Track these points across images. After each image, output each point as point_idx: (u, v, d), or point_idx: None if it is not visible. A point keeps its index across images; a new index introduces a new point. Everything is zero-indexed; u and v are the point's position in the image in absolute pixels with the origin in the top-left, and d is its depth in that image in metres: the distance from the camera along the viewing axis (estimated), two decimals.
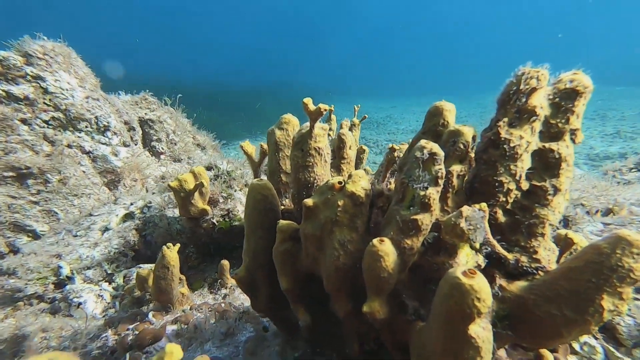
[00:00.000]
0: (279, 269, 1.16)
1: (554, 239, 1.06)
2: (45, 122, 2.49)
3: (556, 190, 0.93)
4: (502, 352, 1.09)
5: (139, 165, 3.09)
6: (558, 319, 0.83)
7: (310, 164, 1.14)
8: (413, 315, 0.96)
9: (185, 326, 1.69)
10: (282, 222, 1.15)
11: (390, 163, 1.20)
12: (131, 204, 2.41)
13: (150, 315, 1.76)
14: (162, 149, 3.59)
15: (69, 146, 2.58)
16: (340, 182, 1.04)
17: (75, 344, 1.62)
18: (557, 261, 1.01)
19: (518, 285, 0.93)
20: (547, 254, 0.94)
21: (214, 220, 2.15)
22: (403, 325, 0.96)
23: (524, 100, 0.92)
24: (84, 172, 2.62)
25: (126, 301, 1.99)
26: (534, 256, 0.92)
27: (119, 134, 3.05)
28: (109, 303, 2.03)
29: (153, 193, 2.54)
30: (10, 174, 2.24)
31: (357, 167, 3.57)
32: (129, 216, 2.35)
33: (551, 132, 0.94)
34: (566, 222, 1.51)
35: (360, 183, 1.03)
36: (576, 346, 1.03)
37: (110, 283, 2.13)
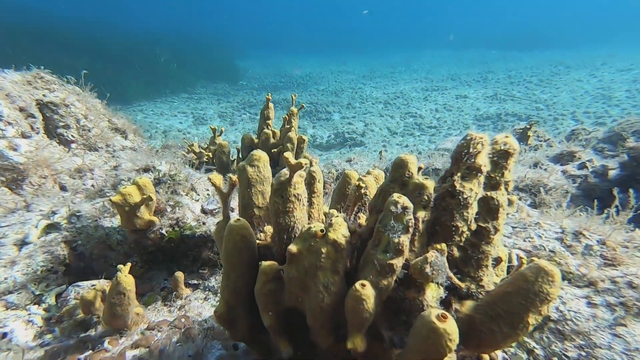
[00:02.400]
0: (261, 308, 1.18)
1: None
2: None
3: (496, 230, 1.11)
4: None
5: (47, 160, 2.54)
6: (498, 334, 1.05)
7: (290, 209, 1.13)
8: (388, 343, 1.10)
9: (147, 350, 1.62)
10: (264, 263, 1.14)
11: (358, 199, 1.25)
12: (53, 213, 2.04)
13: (105, 342, 1.63)
14: (73, 136, 2.99)
15: None
16: (321, 230, 1.07)
17: None
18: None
19: (467, 305, 1.13)
20: (489, 280, 1.14)
21: (163, 231, 1.98)
22: (379, 352, 1.10)
23: (472, 160, 1.05)
24: None
25: (66, 325, 1.78)
26: (480, 283, 1.12)
27: (14, 124, 2.43)
28: (41, 327, 1.79)
29: (75, 198, 2.17)
30: None
31: (297, 156, 3.57)
32: (53, 227, 2.00)
33: (491, 183, 1.11)
34: None
35: (341, 231, 1.07)
36: None
37: (39, 305, 1.86)
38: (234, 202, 2.11)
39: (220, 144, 3.56)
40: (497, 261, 1.27)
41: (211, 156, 3.64)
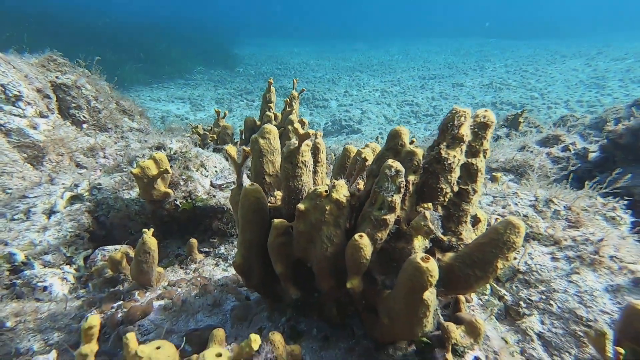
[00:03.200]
0: (274, 259, 1.37)
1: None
2: None
3: (475, 191, 1.30)
4: (442, 314, 1.53)
5: (63, 139, 2.68)
6: (472, 277, 1.25)
7: (299, 174, 1.31)
8: (380, 285, 1.29)
9: (171, 301, 1.82)
10: (276, 220, 1.33)
11: (360, 170, 1.43)
12: (76, 185, 2.20)
13: (136, 294, 1.82)
14: (84, 117, 3.11)
15: None
16: (326, 191, 1.25)
17: (56, 324, 1.61)
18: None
19: (448, 256, 1.32)
20: (467, 234, 1.33)
21: (177, 202, 2.15)
22: (373, 293, 1.30)
23: (456, 130, 1.22)
24: None
25: (97, 281, 1.97)
26: (460, 237, 1.31)
27: (33, 104, 2.54)
28: (73, 284, 1.98)
29: (95, 173, 2.33)
30: None
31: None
32: (76, 198, 2.16)
33: (472, 151, 1.28)
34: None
35: (342, 191, 1.25)
36: None
37: (70, 265, 2.04)
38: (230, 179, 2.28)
39: (224, 126, 3.71)
40: (476, 222, 1.46)
41: (215, 138, 3.78)
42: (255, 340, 0.80)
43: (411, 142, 1.44)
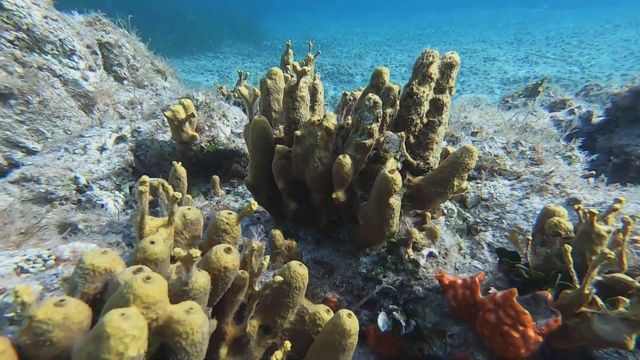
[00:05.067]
0: (277, 176, 1.71)
1: (442, 151, 1.74)
2: (10, 42, 2.39)
3: (440, 123, 1.55)
4: (407, 218, 1.84)
5: (108, 90, 3.12)
6: (434, 193, 1.53)
7: (297, 107, 1.61)
8: (360, 198, 1.61)
9: None
10: (279, 146, 1.66)
11: (344, 105, 1.72)
12: (120, 128, 2.64)
13: None
14: (125, 74, 3.54)
15: (40, 69, 2.54)
16: (318, 120, 1.55)
17: (113, 229, 2.07)
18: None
19: (417, 179, 1.61)
20: (434, 160, 1.61)
21: (202, 145, 2.54)
22: (354, 204, 1.61)
23: (425, 69, 1.47)
24: (59, 95, 2.66)
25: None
26: (427, 161, 1.59)
27: (84, 58, 2.97)
28: (122, 206, 2.44)
29: (135, 118, 2.76)
30: None
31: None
32: (121, 139, 2.60)
33: (439, 88, 1.53)
34: (455, 139, 2.23)
35: (331, 121, 1.55)
36: (443, 209, 1.81)
37: (120, 191, 2.50)
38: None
39: (245, 87, 4.04)
40: (446, 153, 1.72)
41: (236, 96, 4.12)
42: (254, 203, 1.14)
43: (399, 90, 1.69)
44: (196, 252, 0.85)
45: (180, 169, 2.10)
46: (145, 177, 1.22)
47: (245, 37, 22.54)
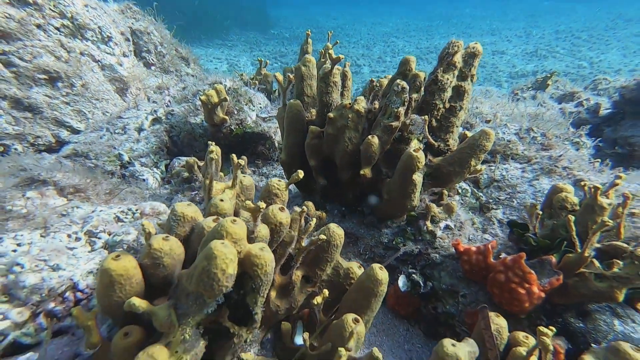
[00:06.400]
0: (309, 154, 1.87)
1: (460, 135, 1.88)
2: (57, 29, 2.55)
3: (461, 108, 1.70)
4: (425, 196, 2.00)
5: (140, 75, 3.28)
6: (452, 172, 1.69)
7: (330, 91, 1.77)
8: (385, 175, 1.77)
9: None
10: (312, 127, 1.82)
11: (371, 90, 1.86)
12: (155, 111, 2.80)
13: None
14: (152, 60, 3.68)
15: (82, 54, 2.70)
16: (349, 104, 1.71)
17: (157, 201, 2.26)
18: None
19: (437, 159, 1.77)
20: (454, 143, 1.76)
21: (232, 127, 2.70)
22: (379, 181, 1.78)
23: (450, 58, 1.61)
24: (97, 79, 2.82)
25: (176, 181, 2.61)
26: (447, 143, 1.74)
27: (119, 45, 3.13)
28: (159, 182, 2.63)
29: (169, 102, 2.92)
30: (43, 76, 2.42)
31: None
32: (156, 120, 2.77)
33: (462, 76, 1.67)
34: (469, 126, 2.37)
35: (361, 104, 1.71)
36: (458, 189, 1.96)
37: (157, 168, 2.69)
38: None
39: (265, 74, 4.16)
40: (464, 138, 1.87)
41: (257, 84, 4.26)
42: (301, 172, 1.31)
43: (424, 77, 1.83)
44: (262, 205, 1.02)
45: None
46: (213, 147, 1.40)
47: (252, 24, 22.37)
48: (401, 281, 1.61)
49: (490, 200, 1.84)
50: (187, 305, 0.89)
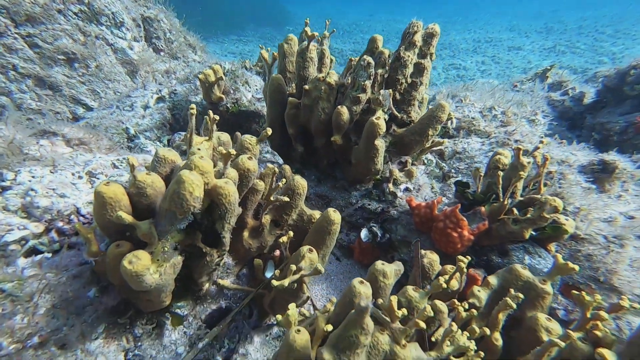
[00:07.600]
0: (288, 123, 2.12)
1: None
2: (75, 13, 2.87)
3: (422, 83, 1.91)
4: (392, 165, 2.21)
5: (149, 60, 3.59)
6: (413, 141, 1.90)
7: (306, 66, 2.00)
8: (354, 143, 2.00)
9: None
10: (290, 98, 2.06)
11: (349, 69, 2.09)
12: (159, 90, 3.11)
13: None
14: (161, 46, 4.00)
15: (97, 38, 3.03)
16: (323, 77, 1.94)
17: None
18: None
19: (401, 129, 1.98)
20: (416, 115, 1.97)
21: (228, 105, 2.97)
22: (348, 147, 2.01)
23: (411, 37, 1.82)
24: (110, 61, 3.15)
25: (177, 144, 2.90)
26: (409, 115, 1.95)
27: (130, 30, 3.44)
28: None
29: (172, 83, 3.22)
30: (62, 57, 2.76)
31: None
32: (160, 99, 3.07)
33: (422, 54, 1.88)
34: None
35: (334, 77, 1.93)
36: (424, 159, 2.17)
37: (160, 142, 2.99)
38: None
39: (265, 59, 4.45)
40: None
41: (258, 68, 4.54)
42: (270, 129, 1.56)
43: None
44: (233, 152, 1.28)
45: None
46: (193, 105, 1.67)
47: (267, 20, 22.67)
48: (363, 233, 1.85)
49: (452, 170, 2.05)
50: (164, 223, 1.16)
